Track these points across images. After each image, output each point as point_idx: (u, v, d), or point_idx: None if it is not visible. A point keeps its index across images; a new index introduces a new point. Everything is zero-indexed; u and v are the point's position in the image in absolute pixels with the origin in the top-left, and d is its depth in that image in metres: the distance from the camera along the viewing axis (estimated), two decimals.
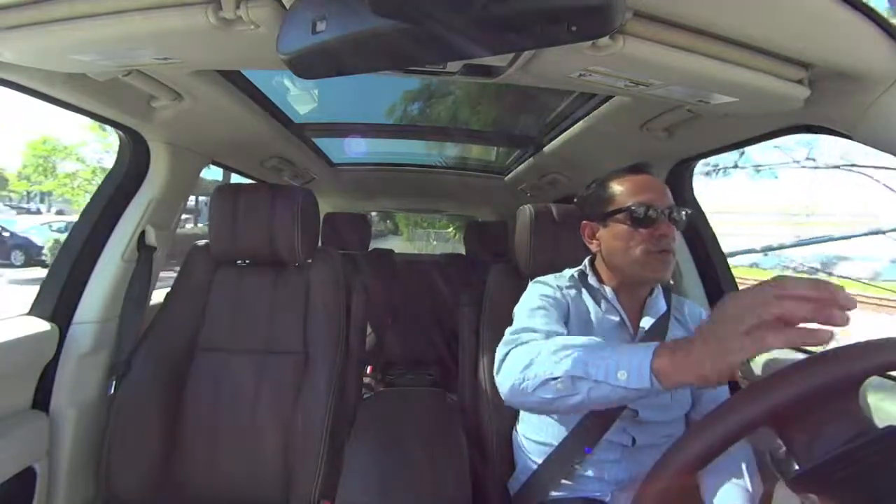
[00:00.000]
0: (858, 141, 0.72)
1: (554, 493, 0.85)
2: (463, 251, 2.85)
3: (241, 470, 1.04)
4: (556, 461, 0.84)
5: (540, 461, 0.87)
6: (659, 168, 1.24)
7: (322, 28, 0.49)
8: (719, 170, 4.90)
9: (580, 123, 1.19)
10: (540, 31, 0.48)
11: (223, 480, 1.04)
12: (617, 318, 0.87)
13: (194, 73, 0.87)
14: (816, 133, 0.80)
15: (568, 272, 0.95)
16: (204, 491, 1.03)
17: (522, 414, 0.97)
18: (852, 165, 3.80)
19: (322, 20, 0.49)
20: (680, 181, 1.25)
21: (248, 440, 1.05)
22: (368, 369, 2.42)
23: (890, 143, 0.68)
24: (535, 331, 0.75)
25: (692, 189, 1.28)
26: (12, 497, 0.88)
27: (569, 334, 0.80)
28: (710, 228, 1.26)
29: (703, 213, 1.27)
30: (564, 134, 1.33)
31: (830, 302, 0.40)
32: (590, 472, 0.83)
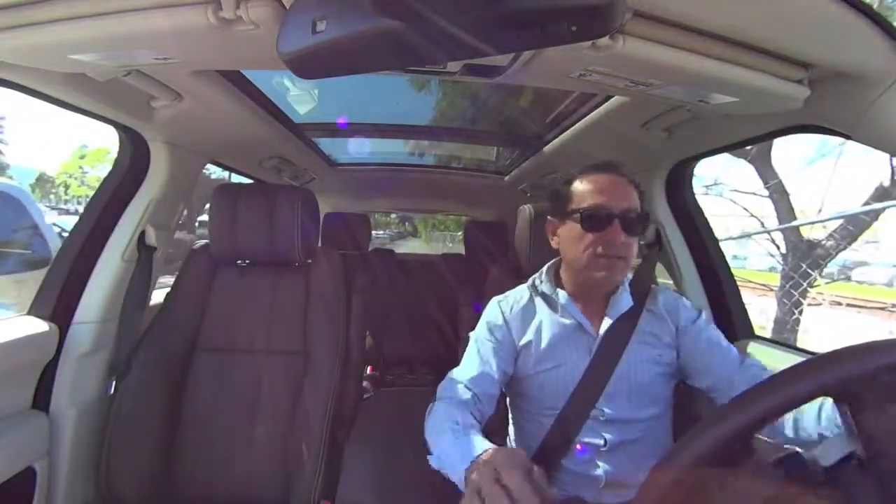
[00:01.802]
0: (858, 141, 0.72)
1: None
2: None
3: (241, 470, 1.04)
4: (539, 463, 0.84)
5: None
6: (659, 168, 1.24)
7: (322, 28, 0.49)
8: None
9: (580, 123, 1.19)
10: (540, 30, 0.48)
11: (223, 480, 1.04)
12: (572, 323, 0.86)
13: (194, 73, 0.87)
14: (816, 133, 0.80)
15: (531, 279, 0.95)
16: (204, 491, 1.03)
17: (510, 419, 0.98)
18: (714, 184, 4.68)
19: (322, 20, 0.49)
20: (680, 181, 1.25)
21: (247, 440, 1.05)
22: (368, 369, 2.42)
23: (890, 142, 0.68)
24: (458, 382, 0.83)
25: (692, 189, 1.28)
26: (12, 497, 0.87)
27: (520, 350, 0.87)
28: (710, 229, 1.26)
29: (703, 213, 1.27)
30: (564, 134, 1.33)
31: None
32: (573, 473, 0.83)
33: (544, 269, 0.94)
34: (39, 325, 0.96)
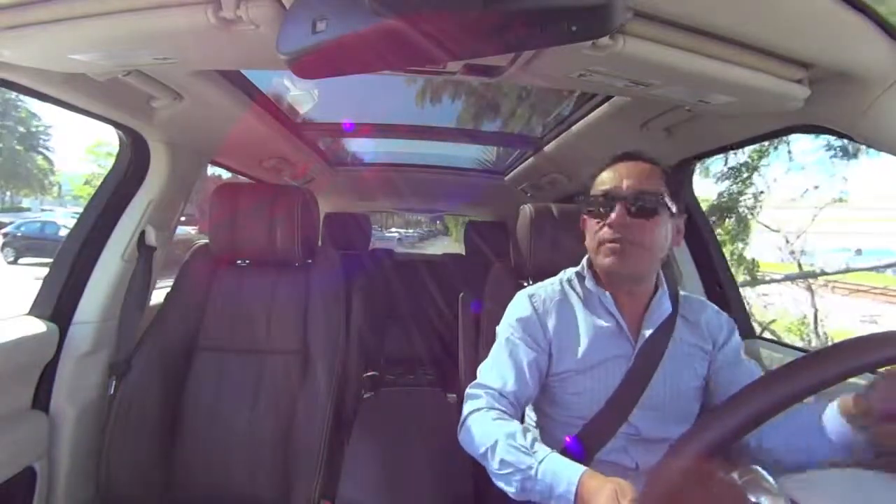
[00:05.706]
0: (858, 141, 0.72)
1: None
2: None
3: (241, 470, 1.04)
4: None
5: None
6: None
7: (322, 28, 0.49)
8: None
9: (580, 123, 1.19)
10: (540, 31, 0.48)
11: (223, 480, 1.04)
12: (611, 325, 0.80)
13: (194, 73, 0.87)
14: (816, 133, 0.80)
15: (564, 273, 0.89)
16: (204, 491, 1.03)
17: (532, 422, 0.91)
18: None
19: (322, 20, 0.49)
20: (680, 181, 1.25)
21: (247, 440, 1.05)
22: (368, 370, 2.42)
23: (889, 142, 0.68)
24: (489, 388, 0.76)
25: (692, 189, 1.28)
26: (12, 497, 0.87)
27: (554, 349, 0.80)
28: (710, 228, 1.26)
29: (702, 212, 1.27)
30: (564, 134, 1.33)
31: None
32: None
33: (584, 264, 0.86)
34: (39, 325, 0.96)
